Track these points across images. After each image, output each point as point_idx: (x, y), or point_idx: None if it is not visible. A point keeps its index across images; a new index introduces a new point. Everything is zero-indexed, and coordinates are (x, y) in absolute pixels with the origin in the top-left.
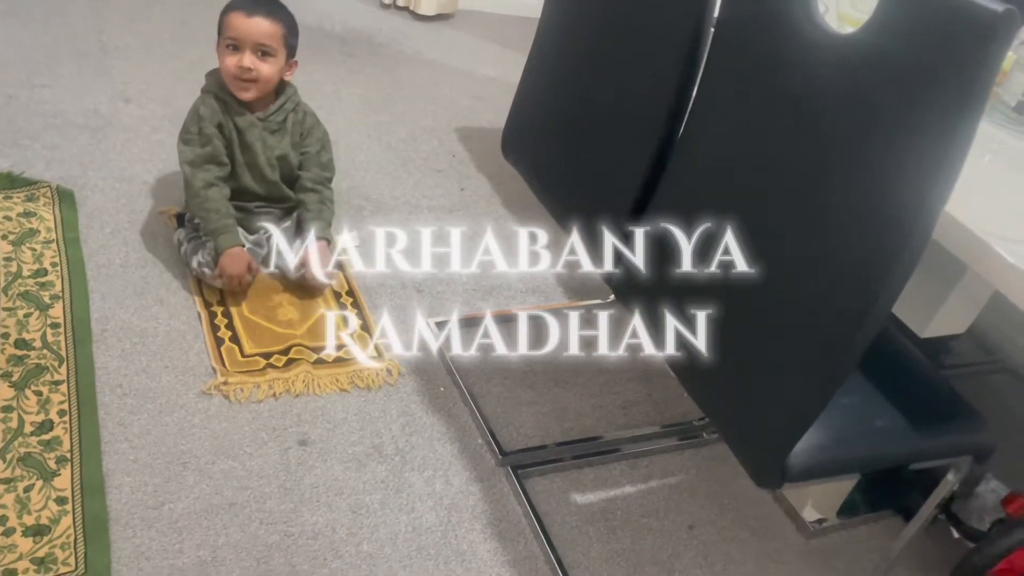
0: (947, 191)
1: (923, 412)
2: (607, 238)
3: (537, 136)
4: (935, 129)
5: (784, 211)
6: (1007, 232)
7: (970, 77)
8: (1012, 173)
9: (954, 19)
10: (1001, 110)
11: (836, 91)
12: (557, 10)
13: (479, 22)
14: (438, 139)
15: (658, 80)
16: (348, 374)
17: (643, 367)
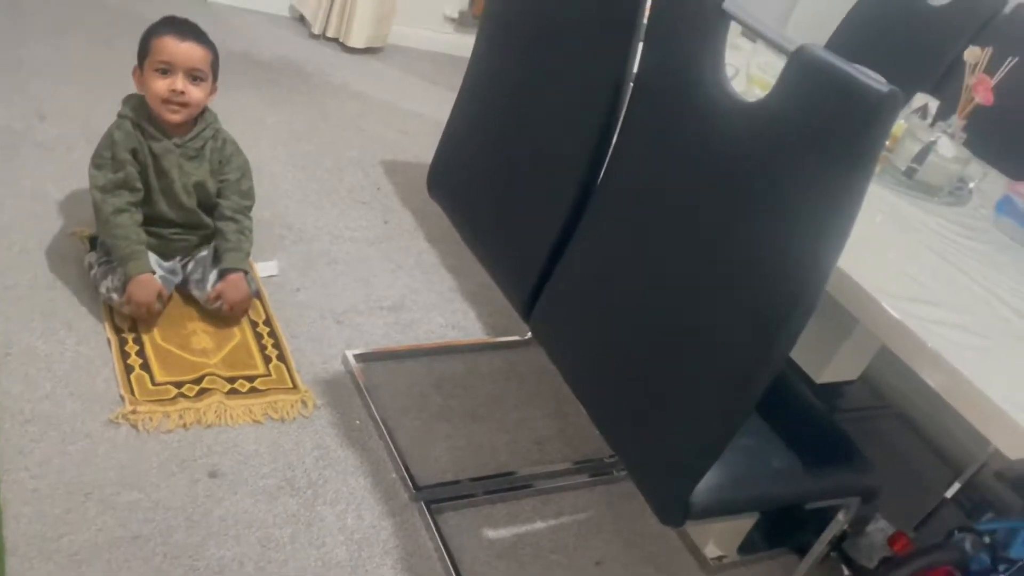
0: (839, 249)
1: (816, 455)
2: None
3: (462, 176)
4: (828, 193)
5: (691, 262)
6: (894, 289)
7: (859, 147)
8: (901, 233)
9: (846, 95)
10: (892, 174)
11: (739, 154)
12: (485, 54)
13: (408, 57)
14: (363, 171)
15: (579, 131)
16: (262, 405)
17: (557, 403)
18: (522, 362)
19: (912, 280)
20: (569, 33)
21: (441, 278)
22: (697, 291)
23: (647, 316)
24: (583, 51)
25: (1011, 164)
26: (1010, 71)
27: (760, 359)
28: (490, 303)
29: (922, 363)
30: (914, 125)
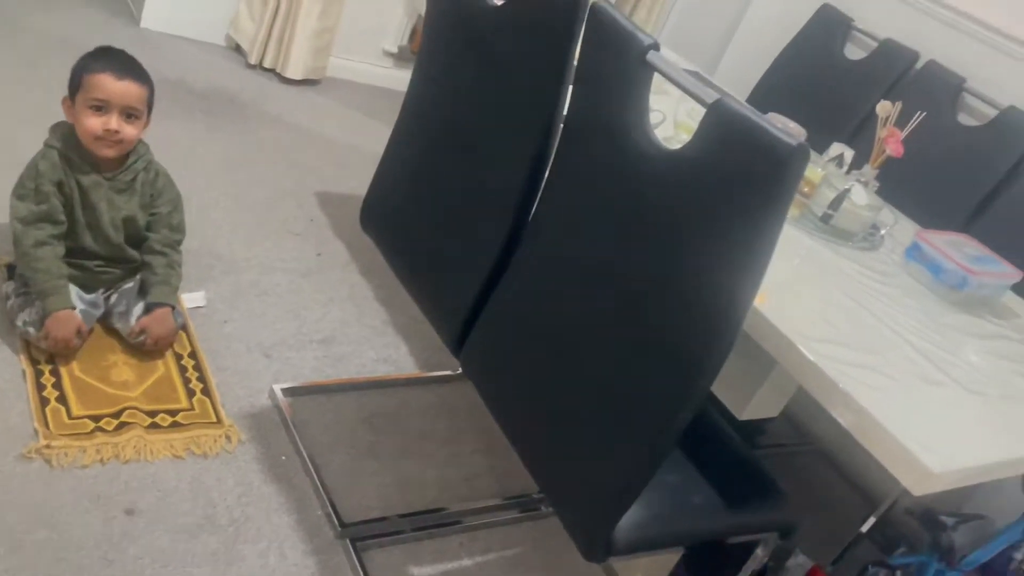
0: (754, 290)
1: (736, 491)
2: (456, 315)
3: (395, 210)
4: (743, 237)
5: (615, 302)
6: (809, 331)
7: (771, 196)
8: (817, 277)
9: (759, 147)
10: (810, 219)
11: (660, 198)
12: (421, 91)
13: (346, 90)
14: (297, 202)
15: (511, 169)
16: (183, 440)
17: (487, 439)
18: (453, 397)
19: (826, 322)
20: (503, 74)
21: (374, 311)
22: (620, 331)
23: (573, 354)
24: (516, 92)
25: (919, 212)
26: (919, 125)
27: (681, 397)
28: (423, 337)
29: (834, 402)
30: (830, 173)
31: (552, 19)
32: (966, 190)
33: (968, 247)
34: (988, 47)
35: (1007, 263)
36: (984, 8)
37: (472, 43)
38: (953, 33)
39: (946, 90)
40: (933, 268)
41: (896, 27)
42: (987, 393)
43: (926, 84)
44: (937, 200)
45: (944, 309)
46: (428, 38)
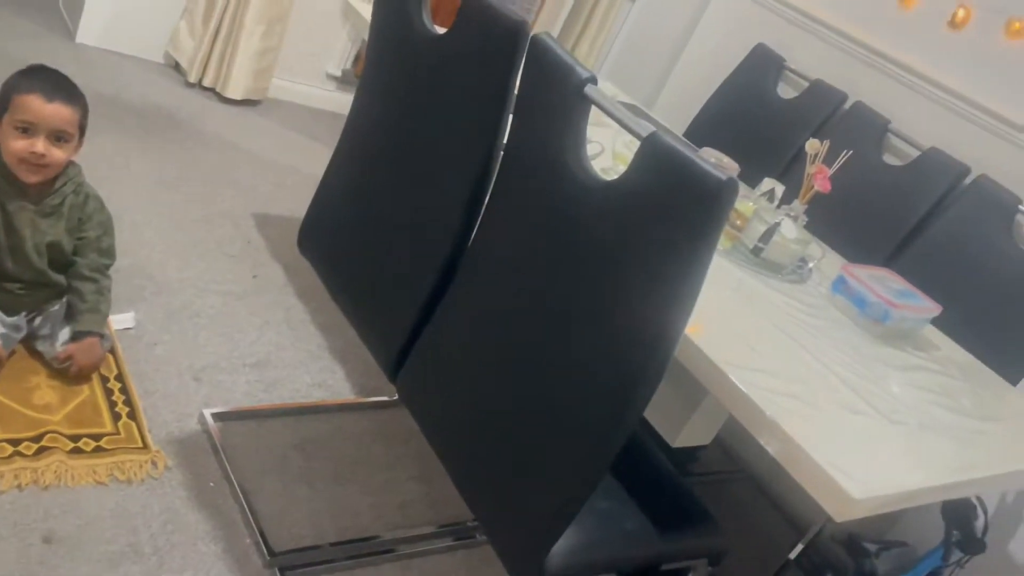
0: (684, 320)
1: (667, 517)
2: (393, 340)
3: (334, 233)
4: (675, 268)
5: (550, 330)
6: (739, 360)
7: (701, 227)
8: (747, 307)
9: (691, 180)
10: (742, 251)
11: (595, 228)
12: (363, 114)
13: (287, 111)
14: (234, 223)
15: (451, 196)
16: (107, 465)
17: (423, 466)
18: (390, 423)
19: (755, 352)
20: (444, 102)
21: (310, 335)
22: (554, 358)
23: (507, 381)
24: (457, 120)
25: (846, 247)
26: (846, 163)
27: (613, 424)
28: (360, 362)
29: (761, 430)
30: (762, 207)
31: (493, 50)
32: (890, 226)
33: (891, 281)
34: (911, 90)
35: (927, 298)
36: (907, 53)
37: (414, 71)
38: (879, 76)
39: (872, 130)
40: (858, 301)
41: (826, 68)
42: (907, 423)
43: (853, 124)
44: (862, 235)
45: (868, 341)
46: (371, 64)
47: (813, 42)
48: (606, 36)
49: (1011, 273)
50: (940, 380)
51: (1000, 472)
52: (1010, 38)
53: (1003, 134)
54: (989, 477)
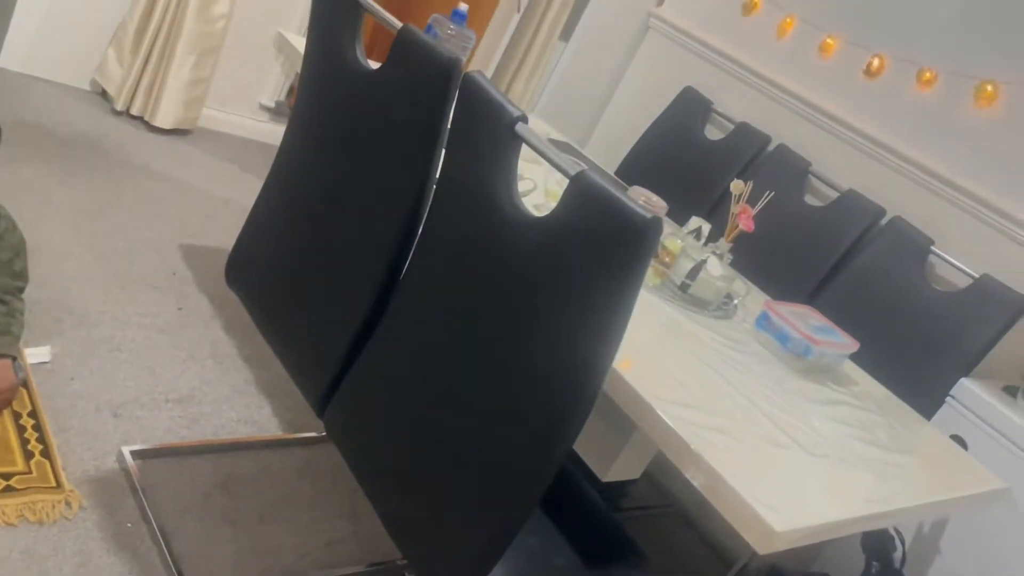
0: (611, 356)
1: (596, 552)
2: (321, 375)
3: (262, 266)
4: (600, 304)
5: (479, 366)
6: (665, 395)
7: (627, 265)
8: (675, 343)
9: (616, 219)
10: (670, 288)
11: (525, 264)
12: (294, 146)
13: (218, 142)
14: (159, 255)
15: (382, 230)
16: (17, 505)
17: (351, 504)
18: (318, 460)
19: (681, 386)
20: (377, 136)
21: (237, 369)
22: (482, 394)
23: (435, 418)
24: (389, 154)
25: (769, 284)
26: (769, 203)
27: (542, 459)
28: (288, 397)
29: (687, 464)
30: (689, 245)
31: (425, 87)
32: (811, 264)
33: (812, 318)
34: (830, 135)
35: (845, 334)
36: (827, 100)
37: (346, 105)
38: (801, 120)
39: (794, 172)
40: (780, 337)
41: (750, 112)
42: (828, 456)
43: (777, 165)
44: (785, 273)
45: (790, 376)
46: (303, 97)
47: (739, 87)
48: (540, 75)
49: (924, 310)
50: (858, 414)
51: (916, 503)
52: (921, 87)
53: (915, 178)
54: (906, 508)
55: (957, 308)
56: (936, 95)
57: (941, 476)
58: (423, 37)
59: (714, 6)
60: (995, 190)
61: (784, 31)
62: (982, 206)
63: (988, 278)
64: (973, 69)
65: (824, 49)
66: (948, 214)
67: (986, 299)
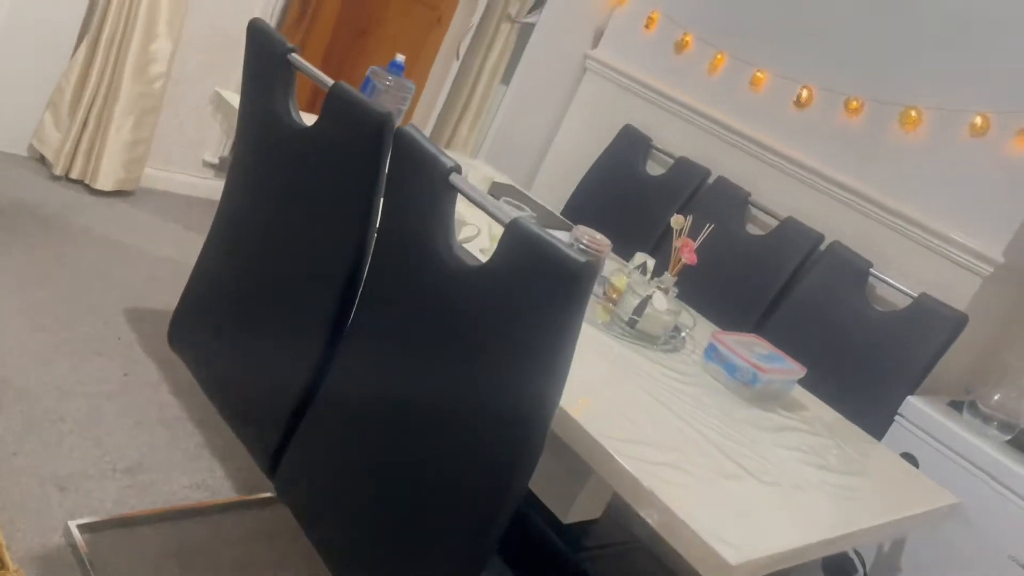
0: (558, 394)
1: None
2: (269, 435)
3: (205, 326)
4: (542, 347)
5: (426, 412)
6: (617, 433)
7: (564, 308)
8: (625, 380)
9: (551, 264)
10: (619, 324)
11: (467, 311)
12: (232, 203)
13: (162, 201)
14: (103, 320)
15: (324, 283)
16: None
17: (310, 564)
18: (275, 520)
19: (632, 423)
20: (315, 191)
21: (187, 433)
22: (433, 443)
23: (388, 470)
24: (328, 209)
25: (716, 314)
26: (712, 233)
27: (496, 503)
28: (242, 457)
29: (641, 502)
30: (634, 281)
31: (360, 143)
32: (756, 293)
33: (758, 346)
34: (767, 165)
35: (792, 360)
36: (761, 131)
37: (283, 162)
38: (738, 152)
39: (734, 202)
40: (728, 367)
41: (689, 146)
42: (780, 483)
43: (717, 197)
44: (732, 302)
45: (739, 405)
46: (240, 154)
47: (677, 122)
48: (485, 118)
49: (868, 332)
50: (809, 439)
51: (872, 525)
52: (849, 115)
53: (850, 203)
54: (862, 530)
55: (899, 328)
56: (864, 122)
57: (895, 495)
58: (355, 94)
59: (647, 46)
60: (926, 211)
61: (716, 67)
62: (915, 227)
63: (926, 296)
64: (896, 96)
65: (755, 83)
66: (884, 236)
67: (926, 317)
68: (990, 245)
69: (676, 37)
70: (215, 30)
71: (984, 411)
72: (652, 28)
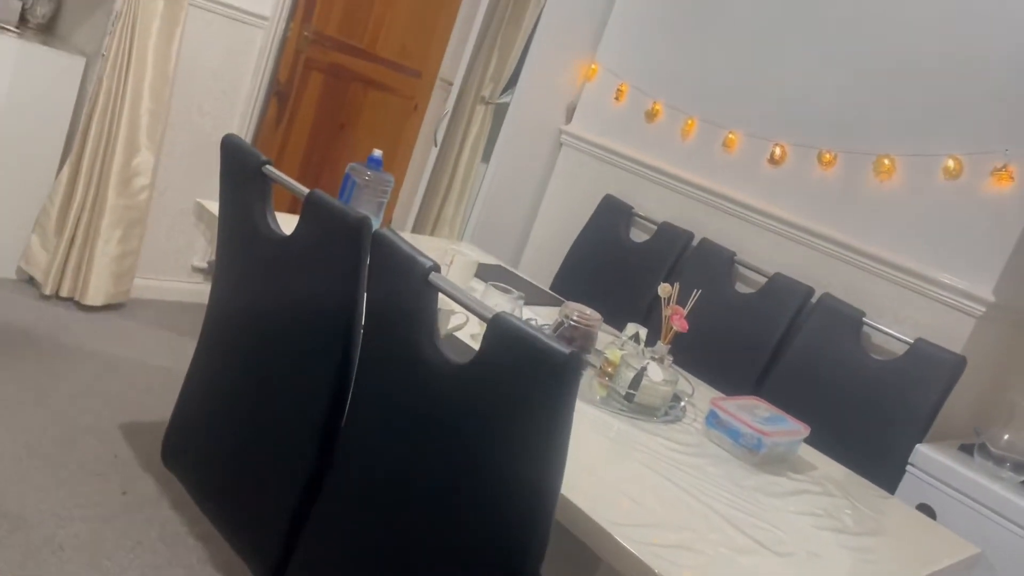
0: (556, 482)
1: None
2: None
3: (199, 441)
4: (536, 437)
5: (429, 510)
6: (620, 517)
7: (554, 398)
8: (627, 457)
9: (537, 357)
10: (616, 398)
11: (453, 407)
12: (218, 315)
13: (153, 310)
14: (99, 438)
15: (314, 393)
16: None
17: None
18: None
19: (637, 504)
20: (297, 296)
21: (188, 549)
22: (438, 538)
23: (397, 568)
24: (311, 314)
25: (715, 378)
26: (702, 297)
27: None
28: (245, 570)
29: None
30: (628, 354)
31: (338, 249)
32: (752, 352)
33: (759, 409)
34: (749, 223)
35: (794, 420)
36: (739, 191)
37: (264, 271)
38: (719, 213)
39: (721, 263)
40: (731, 433)
41: (670, 211)
42: (795, 553)
43: (703, 259)
44: (729, 364)
45: (746, 472)
46: (223, 266)
47: (656, 189)
48: (467, 198)
49: (868, 382)
50: (821, 501)
51: None
52: (824, 168)
53: (835, 254)
54: None
55: (899, 375)
56: (839, 174)
57: (914, 552)
58: (331, 200)
59: (619, 117)
60: (912, 256)
61: (688, 132)
62: (903, 273)
63: (923, 342)
64: (868, 146)
65: (728, 144)
66: (873, 285)
67: (924, 362)
68: (979, 285)
69: (646, 106)
70: (197, 137)
71: (995, 453)
72: (622, 100)
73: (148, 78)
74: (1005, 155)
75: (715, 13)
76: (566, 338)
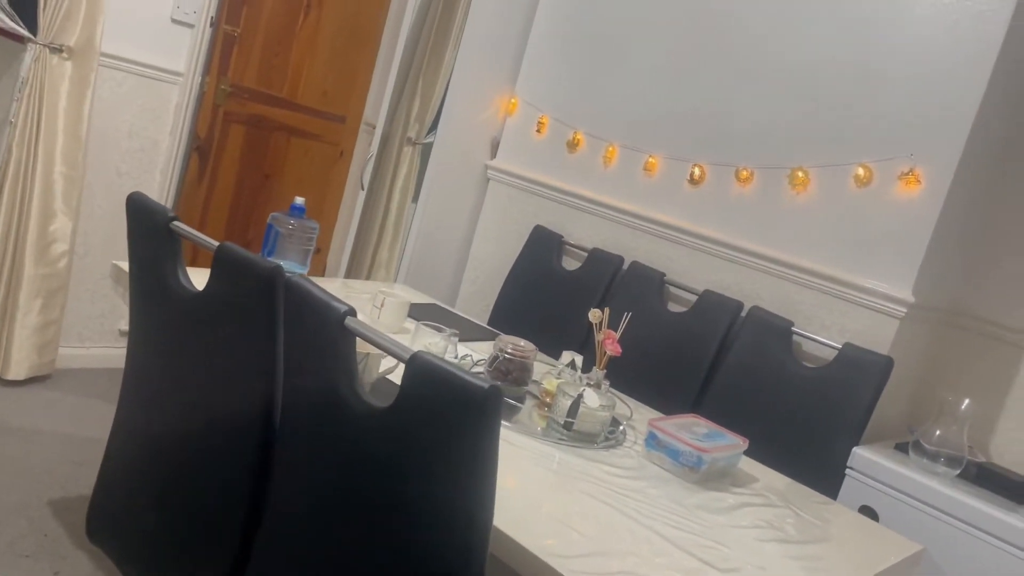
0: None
1: None
2: None
3: (123, 515)
4: (465, 468)
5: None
6: (563, 549)
7: (477, 434)
8: (568, 487)
9: (456, 394)
10: (556, 428)
11: (379, 451)
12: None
13: (81, 379)
14: (27, 518)
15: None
16: None
17: None
18: None
19: (579, 534)
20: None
21: None
22: None
23: None
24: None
25: (654, 399)
26: (634, 318)
27: None
28: None
29: None
30: (564, 382)
31: (251, 300)
32: (687, 369)
33: (697, 426)
34: (676, 244)
35: (732, 434)
36: (664, 212)
37: (180, 328)
38: (645, 235)
39: (652, 284)
40: (671, 453)
41: (599, 238)
42: (741, 569)
43: (634, 281)
44: (666, 384)
45: (688, 491)
46: (136, 329)
47: (584, 216)
48: (401, 239)
49: (802, 390)
50: (764, 513)
51: None
52: (742, 185)
53: (760, 267)
54: None
55: (830, 381)
56: (757, 189)
57: (860, 555)
58: (241, 252)
59: (542, 149)
60: (832, 264)
61: (610, 159)
62: (825, 280)
63: (850, 346)
64: (780, 160)
65: (649, 168)
66: (799, 294)
67: (854, 366)
68: (899, 287)
69: (567, 136)
70: (117, 199)
71: (929, 449)
72: (543, 131)
73: (60, 142)
74: (910, 159)
75: (627, 41)
76: (502, 371)
